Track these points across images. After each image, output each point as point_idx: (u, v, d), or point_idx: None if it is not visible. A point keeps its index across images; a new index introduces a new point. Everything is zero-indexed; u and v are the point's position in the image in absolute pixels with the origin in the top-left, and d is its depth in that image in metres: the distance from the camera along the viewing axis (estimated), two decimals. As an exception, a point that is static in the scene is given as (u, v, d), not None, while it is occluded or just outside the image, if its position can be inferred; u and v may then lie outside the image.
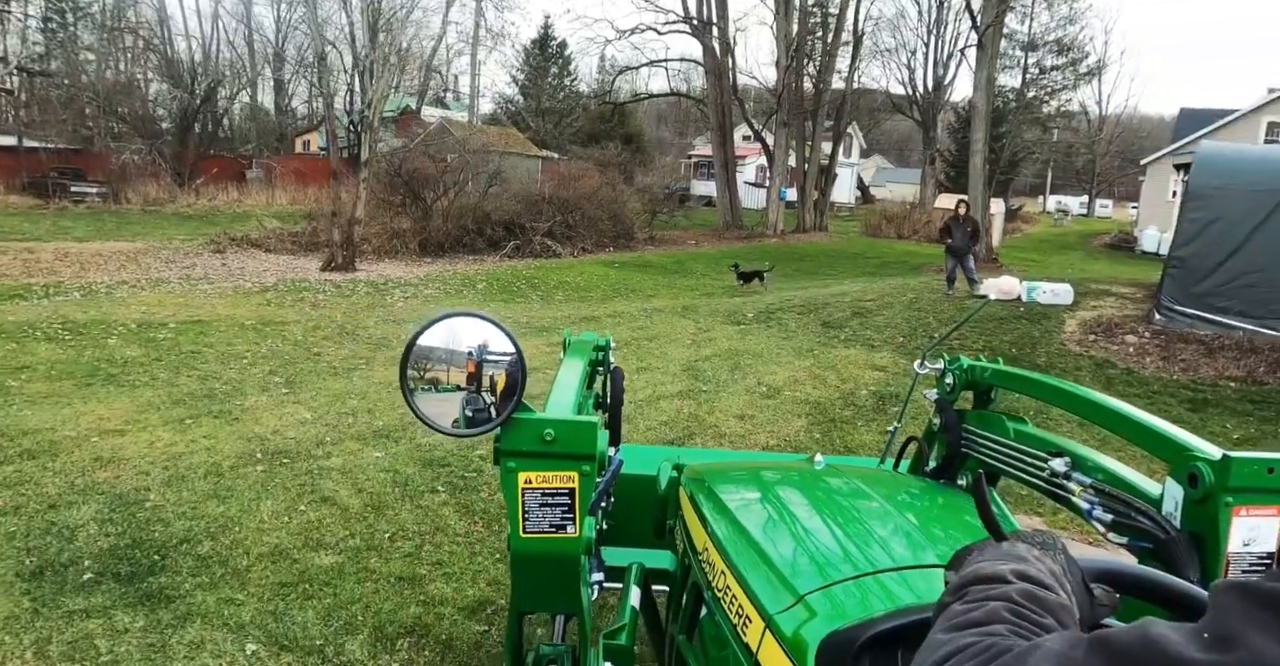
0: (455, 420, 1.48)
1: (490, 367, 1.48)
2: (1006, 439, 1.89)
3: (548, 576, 1.53)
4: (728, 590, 1.47)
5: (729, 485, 1.91)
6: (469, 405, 1.47)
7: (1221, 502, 1.30)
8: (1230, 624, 0.44)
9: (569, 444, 1.43)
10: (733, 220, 29.96)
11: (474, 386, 1.48)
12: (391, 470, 5.42)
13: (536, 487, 1.43)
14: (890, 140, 72.82)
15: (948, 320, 11.75)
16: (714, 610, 1.55)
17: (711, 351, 9.66)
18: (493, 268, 17.46)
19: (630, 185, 26.80)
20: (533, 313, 12.17)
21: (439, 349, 1.48)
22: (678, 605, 1.98)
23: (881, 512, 1.67)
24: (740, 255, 23.14)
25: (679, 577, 2.06)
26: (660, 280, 16.45)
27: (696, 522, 1.79)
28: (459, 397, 1.48)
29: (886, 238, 31.63)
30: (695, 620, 1.76)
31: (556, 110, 57.03)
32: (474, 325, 1.49)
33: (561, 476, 1.43)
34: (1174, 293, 11.02)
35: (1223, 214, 10.85)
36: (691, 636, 1.79)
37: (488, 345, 1.48)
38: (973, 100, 22.72)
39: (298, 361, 8.45)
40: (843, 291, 14.27)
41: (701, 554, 1.70)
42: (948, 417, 2.07)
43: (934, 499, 1.89)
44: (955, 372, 2.08)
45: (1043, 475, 1.70)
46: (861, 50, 35.80)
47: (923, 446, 2.17)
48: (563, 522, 1.45)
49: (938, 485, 2.03)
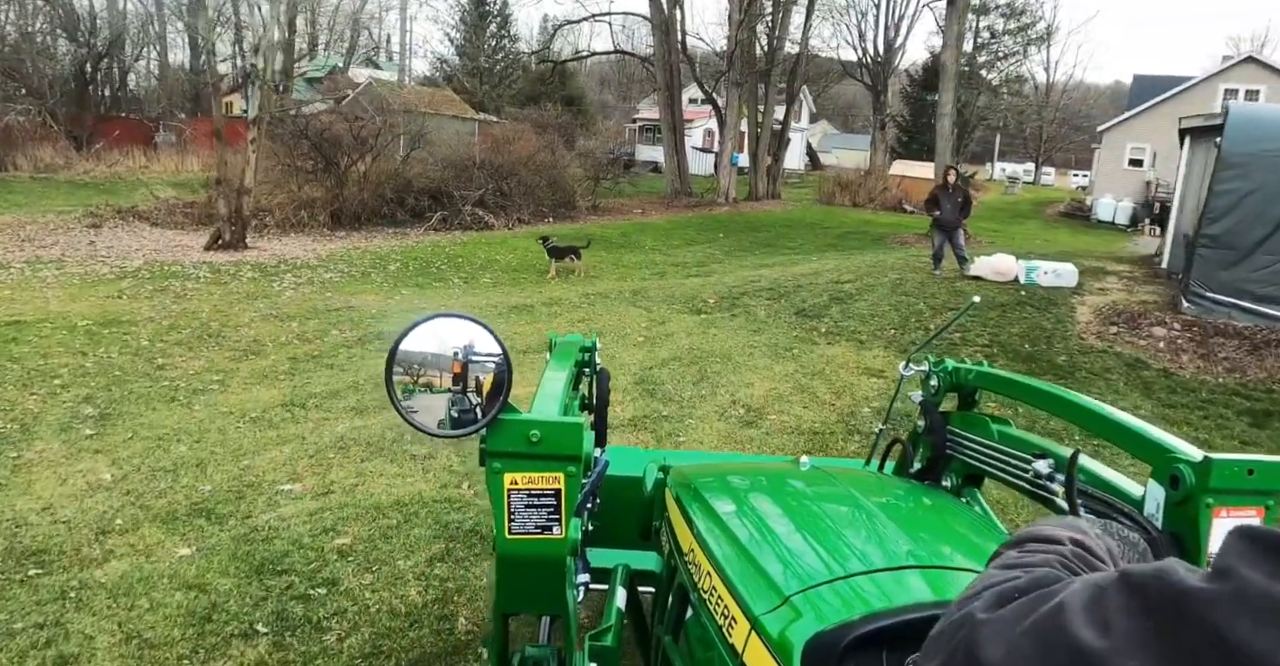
0: (441, 421, 1.46)
1: (476, 368, 1.45)
2: (990, 440, 1.88)
3: (533, 577, 1.51)
4: (713, 591, 1.48)
5: (715, 487, 1.89)
6: (455, 406, 1.45)
7: (1202, 504, 1.30)
8: (1229, 559, 0.50)
9: (555, 445, 1.41)
10: (682, 187, 28.00)
11: (460, 387, 1.45)
12: (197, 585, 3.50)
13: (522, 489, 1.42)
14: (836, 105, 71.34)
15: (940, 306, 10.09)
16: (700, 611, 1.56)
17: (669, 352, 7.83)
18: (414, 243, 15.30)
19: (571, 150, 24.64)
20: (451, 300, 10.17)
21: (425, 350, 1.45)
22: (663, 606, 1.96)
23: (866, 514, 1.66)
24: (692, 225, 21.27)
25: (665, 579, 2.01)
26: (605, 256, 14.49)
27: (682, 524, 1.79)
28: (444, 399, 1.45)
29: (841, 205, 30.07)
30: (681, 621, 1.75)
31: (495, 71, 54.37)
32: (459, 326, 1.46)
33: (547, 477, 1.42)
34: (1205, 277, 9.49)
35: (1261, 185, 9.32)
36: (677, 637, 1.77)
37: (473, 346, 1.46)
38: (941, 59, 21.07)
39: (129, 380, 6.39)
40: (814, 271, 12.52)
41: (687, 555, 1.70)
42: (932, 419, 2.05)
43: (919, 500, 1.86)
44: (940, 374, 2.06)
45: (1026, 476, 1.70)
46: (815, 7, 33.81)
47: (907, 448, 2.13)
48: (548, 524, 1.44)
49: (923, 487, 1.99)
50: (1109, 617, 0.54)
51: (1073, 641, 0.54)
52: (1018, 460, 1.76)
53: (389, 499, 4.39)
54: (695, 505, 1.80)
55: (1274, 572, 0.48)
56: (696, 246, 17.27)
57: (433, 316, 1.46)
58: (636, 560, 2.31)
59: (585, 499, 1.62)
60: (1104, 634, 0.53)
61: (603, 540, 2.30)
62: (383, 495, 4.44)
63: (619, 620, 1.93)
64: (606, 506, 2.14)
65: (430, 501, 4.36)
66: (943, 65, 20.57)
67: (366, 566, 3.69)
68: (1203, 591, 0.50)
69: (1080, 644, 0.54)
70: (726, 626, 1.39)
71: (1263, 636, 0.46)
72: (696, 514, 1.75)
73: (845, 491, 1.84)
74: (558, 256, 12.42)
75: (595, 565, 2.14)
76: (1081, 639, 0.54)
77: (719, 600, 1.45)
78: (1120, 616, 0.53)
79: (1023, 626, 0.59)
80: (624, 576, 2.17)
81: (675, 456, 2.60)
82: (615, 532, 2.33)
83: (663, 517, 2.06)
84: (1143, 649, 0.51)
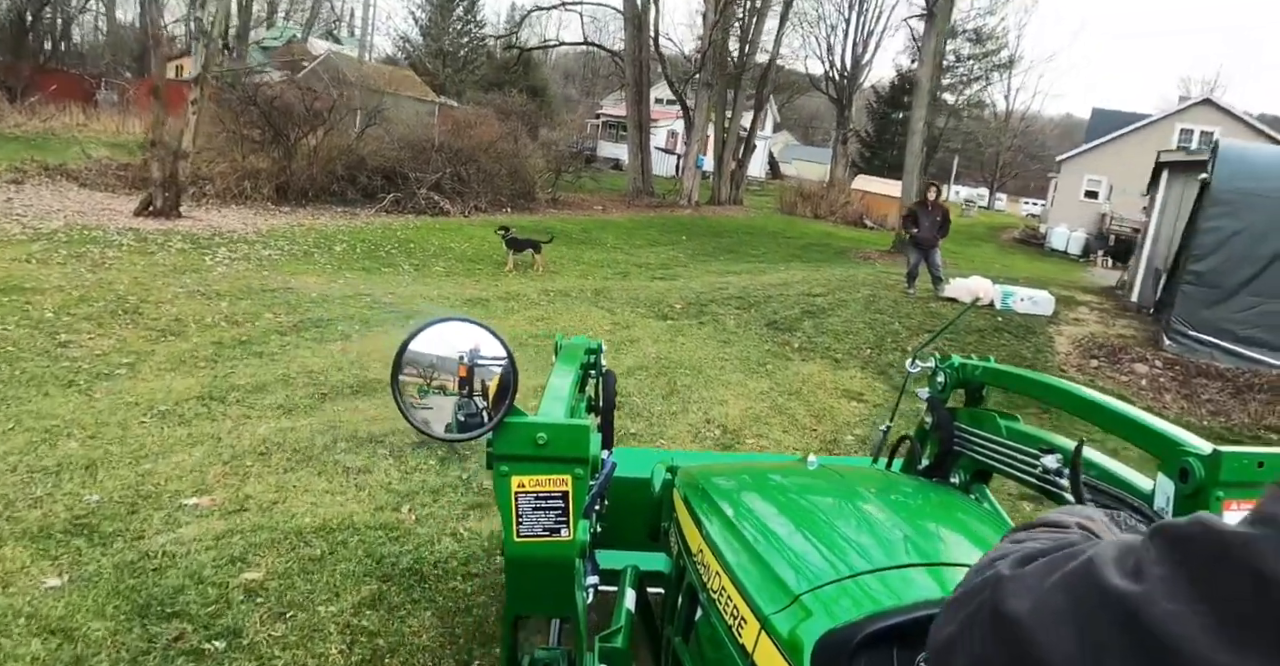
0: (448, 425, 1.46)
1: (482, 372, 1.45)
2: (999, 436, 1.86)
3: (542, 580, 1.50)
4: (723, 591, 1.47)
5: (722, 486, 1.88)
6: (461, 410, 1.44)
7: (1212, 497, 1.29)
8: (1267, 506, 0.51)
9: (562, 447, 1.40)
10: (644, 186, 27.41)
11: (466, 391, 1.44)
12: (63, 629, 2.80)
13: (530, 491, 1.40)
14: (798, 117, 71.53)
15: (915, 328, 9.66)
16: (709, 611, 1.55)
17: (635, 361, 7.23)
18: (364, 223, 14.44)
19: (534, 140, 23.89)
20: (400, 289, 9.42)
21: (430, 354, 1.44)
22: (673, 607, 1.94)
23: (875, 512, 1.66)
24: (654, 225, 20.70)
25: (674, 580, 1.99)
26: (565, 252, 13.82)
27: (691, 524, 1.78)
28: (451, 403, 1.45)
29: (803, 216, 29.81)
30: (691, 622, 1.73)
31: (459, 55, 53.27)
32: (465, 330, 1.46)
33: (555, 480, 1.41)
34: (1188, 314, 9.20)
35: (1248, 225, 9.07)
36: (687, 638, 1.75)
37: (479, 349, 1.45)
38: (917, 74, 20.83)
39: (23, 357, 5.58)
40: (783, 282, 12.03)
41: (696, 555, 1.69)
42: (940, 416, 2.03)
43: (927, 497, 1.85)
44: (947, 371, 2.05)
45: (1035, 472, 1.68)
46: (790, 14, 33.50)
47: (915, 445, 2.14)
48: (556, 526, 1.42)
49: (930, 484, 1.99)
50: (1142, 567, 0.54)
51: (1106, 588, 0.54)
52: (1026, 456, 1.74)
53: (313, 522, 3.71)
54: (703, 505, 1.79)
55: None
56: (659, 248, 16.71)
57: (438, 320, 1.46)
58: (645, 561, 2.30)
59: (593, 500, 1.60)
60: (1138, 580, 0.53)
61: (611, 542, 2.30)
62: (306, 516, 3.76)
63: (629, 621, 1.93)
64: (615, 508, 2.13)
65: (363, 527, 3.70)
66: (917, 81, 20.30)
67: (279, 611, 3.02)
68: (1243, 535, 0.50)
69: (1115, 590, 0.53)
70: (736, 626, 1.38)
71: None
72: (705, 514, 1.74)
73: (853, 489, 1.83)
74: (516, 249, 11.71)
75: (604, 567, 2.11)
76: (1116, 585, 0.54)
77: (728, 600, 1.44)
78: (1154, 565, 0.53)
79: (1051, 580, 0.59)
80: (633, 577, 2.17)
81: (683, 457, 2.57)
82: (624, 534, 2.33)
83: (671, 518, 2.05)
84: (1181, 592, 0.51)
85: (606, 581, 2.09)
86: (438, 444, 4.57)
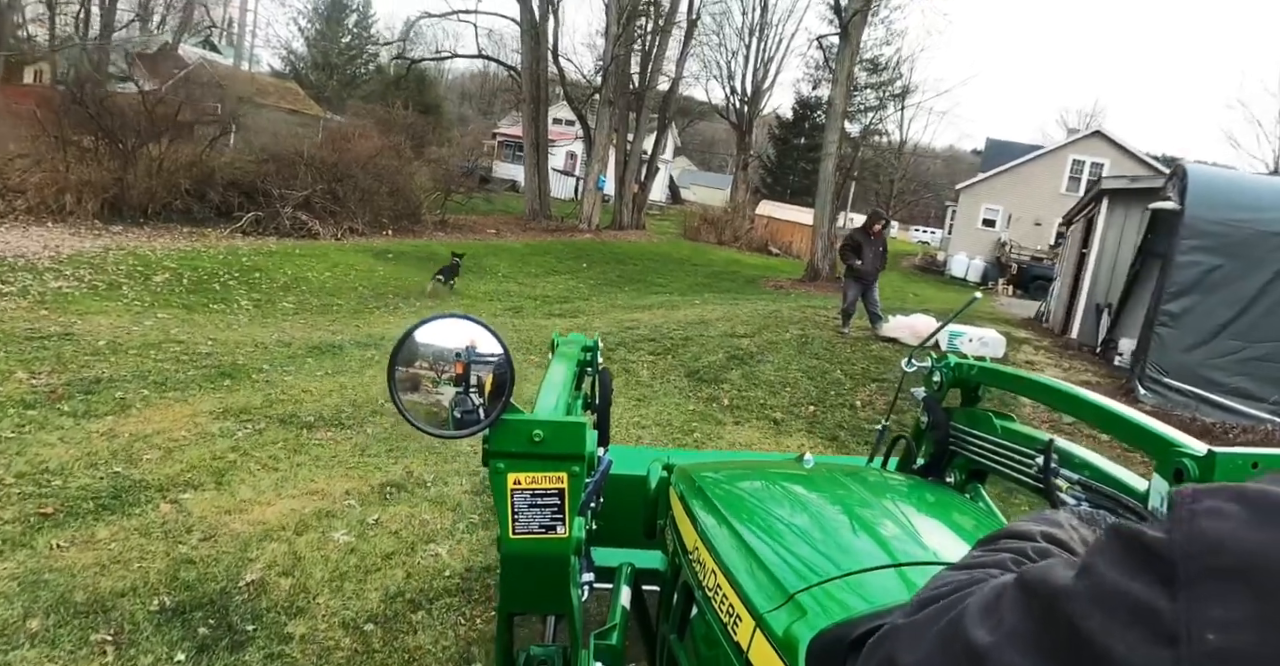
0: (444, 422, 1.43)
1: (478, 369, 1.43)
2: (994, 436, 1.87)
3: (538, 577, 1.50)
4: (718, 589, 1.46)
5: (719, 484, 1.86)
6: (457, 406, 1.42)
7: None
8: (1093, 556, 0.51)
9: (558, 444, 1.39)
10: (541, 209, 25.72)
11: (462, 388, 1.43)
12: None
13: (525, 488, 1.40)
14: (696, 142, 71.39)
15: (859, 375, 8.25)
16: (704, 609, 1.54)
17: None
18: (206, 247, 12.22)
19: (420, 156, 21.93)
20: (226, 333, 7.43)
21: (426, 351, 1.43)
22: (668, 605, 1.94)
23: (870, 511, 1.67)
24: (552, 251, 19.01)
25: (669, 577, 2.00)
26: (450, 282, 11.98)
27: (686, 522, 1.78)
28: (447, 399, 1.43)
29: (707, 242, 28.71)
30: (686, 619, 1.74)
31: (347, 69, 50.79)
32: (461, 326, 1.43)
33: (550, 477, 1.40)
34: (1163, 361, 8.07)
35: (1227, 259, 8.02)
36: (682, 636, 1.76)
37: (475, 346, 1.43)
38: (830, 96, 19.87)
39: None
40: (699, 319, 10.50)
41: (692, 553, 1.69)
42: (935, 415, 2.04)
43: (923, 496, 1.84)
44: (943, 370, 2.05)
45: (1030, 471, 1.69)
46: (693, 38, 32.54)
47: (910, 444, 2.15)
48: (552, 523, 1.42)
49: (926, 483, 1.97)
50: (1002, 616, 0.54)
51: (966, 640, 0.55)
52: (1021, 455, 1.73)
53: None
54: (699, 503, 1.77)
55: (1129, 570, 0.48)
56: (558, 277, 15.02)
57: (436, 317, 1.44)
58: (641, 559, 2.28)
59: (589, 498, 1.61)
60: (993, 631, 0.53)
61: (607, 539, 2.25)
62: None
63: (624, 619, 1.93)
64: (610, 505, 2.06)
65: None
66: (830, 103, 19.34)
67: None
68: (1067, 588, 0.51)
69: (971, 642, 0.54)
70: (731, 624, 1.36)
71: (1110, 632, 0.46)
72: (700, 512, 1.73)
73: (849, 488, 1.81)
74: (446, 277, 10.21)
75: (600, 564, 2.08)
76: (973, 637, 0.54)
77: (723, 598, 1.42)
78: (1010, 614, 0.53)
79: (933, 630, 0.60)
80: (629, 575, 2.16)
81: (679, 455, 2.51)
82: (619, 531, 2.29)
83: (667, 516, 2.03)
84: (1023, 645, 0.51)
85: (602, 578, 2.07)
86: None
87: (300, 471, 4.45)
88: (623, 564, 2.21)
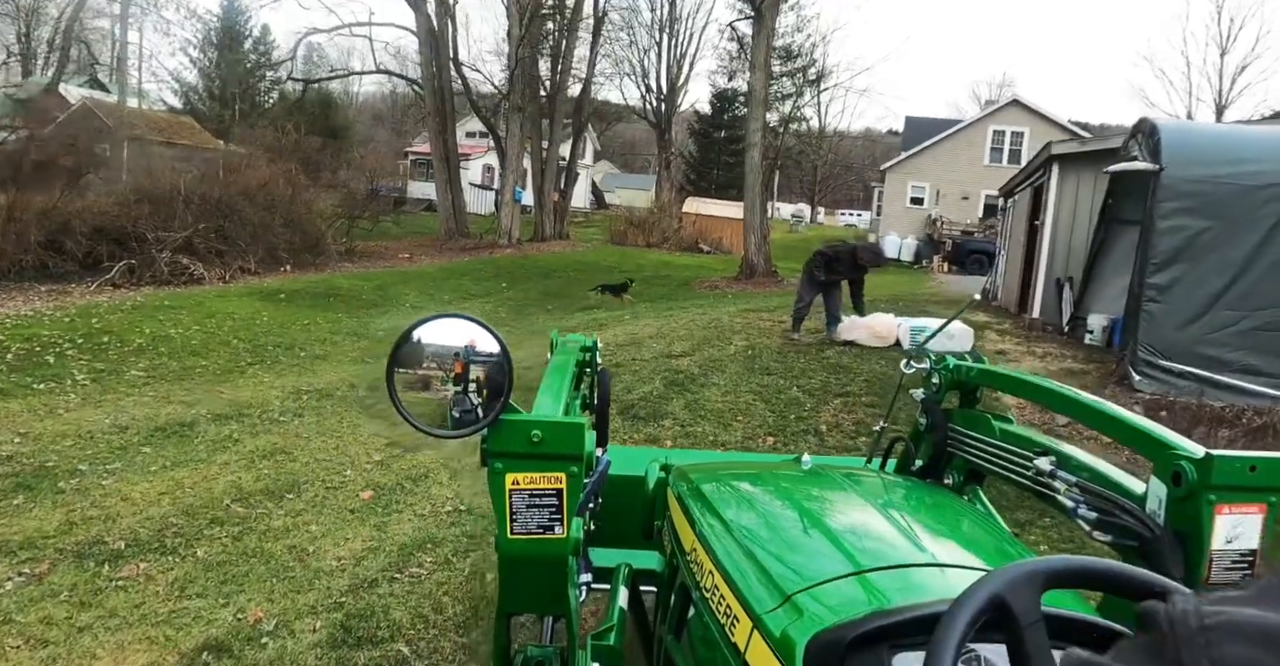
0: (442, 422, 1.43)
1: (477, 368, 1.42)
2: (992, 438, 1.86)
3: (535, 577, 1.49)
4: (715, 590, 1.45)
5: (716, 485, 1.87)
6: (456, 406, 1.42)
7: (1204, 500, 1.30)
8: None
9: (556, 444, 1.37)
10: (457, 227, 24.30)
11: (461, 387, 1.42)
12: None
13: (524, 488, 1.38)
14: (616, 145, 70.40)
15: (818, 391, 7.15)
16: (702, 610, 1.53)
17: (418, 529, 4.27)
18: (61, 307, 10.53)
19: (316, 182, 20.37)
20: (44, 423, 5.93)
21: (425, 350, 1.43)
22: (666, 605, 1.93)
23: (868, 512, 1.64)
24: (469, 271, 17.64)
25: (667, 578, 2.00)
26: (346, 322, 10.59)
27: (684, 523, 1.77)
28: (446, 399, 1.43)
29: (635, 246, 27.59)
30: (683, 620, 1.72)
31: (245, 96, 48.60)
32: (461, 326, 1.42)
33: (549, 477, 1.38)
34: (1155, 339, 7.13)
35: (1214, 220, 7.11)
36: (680, 636, 1.74)
37: (474, 346, 1.42)
38: (750, 83, 18.88)
39: None
40: (631, 338, 9.31)
41: (689, 554, 1.67)
42: (934, 417, 2.03)
43: (921, 498, 1.85)
44: (941, 372, 2.03)
45: (1028, 474, 1.69)
46: (601, 38, 31.41)
47: (909, 446, 2.14)
48: (550, 523, 1.40)
49: (924, 484, 1.98)
50: None
51: None
52: (1019, 457, 1.73)
53: None
54: (697, 504, 1.75)
55: None
56: (474, 301, 13.71)
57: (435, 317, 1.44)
58: (639, 559, 2.26)
59: (587, 498, 1.59)
60: None
61: (605, 540, 2.24)
62: None
63: (621, 619, 1.90)
64: (608, 506, 2.06)
65: None
66: (750, 90, 18.35)
67: None
68: None
69: None
70: (729, 625, 1.34)
71: None
72: (698, 513, 1.71)
73: (847, 489, 1.79)
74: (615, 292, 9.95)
75: (597, 565, 2.08)
76: None
77: (721, 599, 1.40)
78: None
79: None
80: (626, 576, 2.14)
81: (677, 455, 2.55)
82: (617, 532, 2.27)
83: (664, 517, 2.02)
84: None
85: (600, 579, 2.07)
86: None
87: (79, 643, 3.13)
88: (620, 564, 2.19)
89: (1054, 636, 0.89)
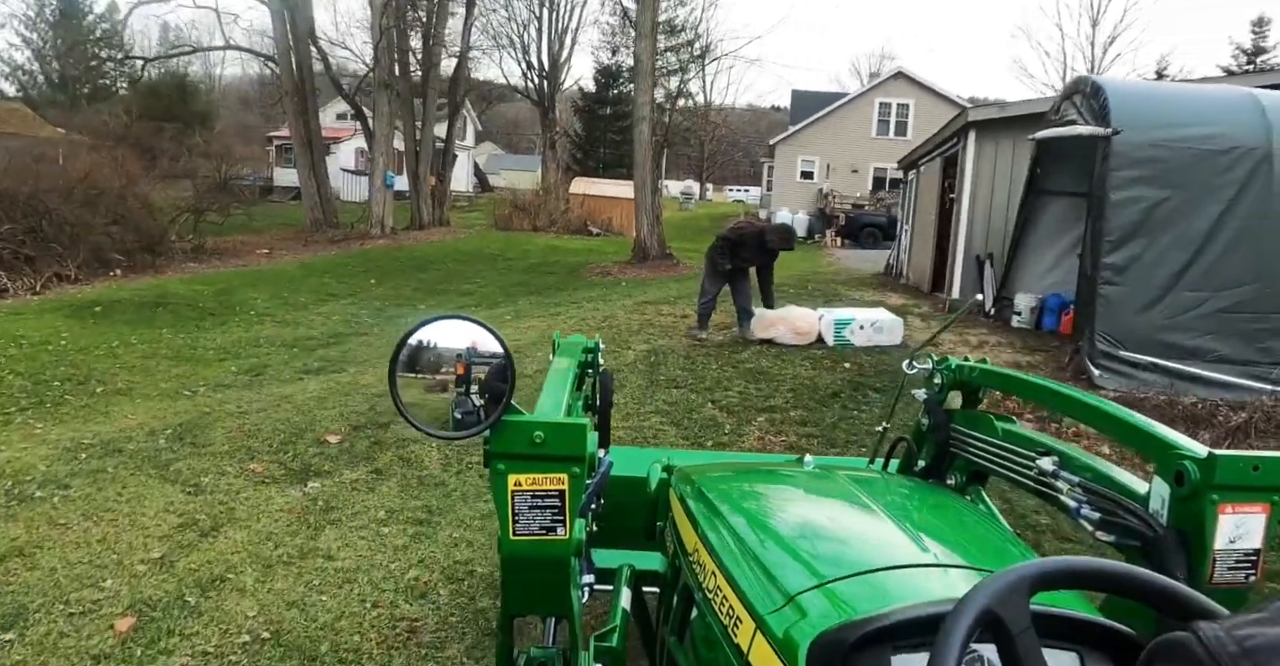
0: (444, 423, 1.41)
1: (479, 369, 1.40)
2: (995, 438, 1.86)
3: (538, 578, 1.47)
4: (718, 591, 1.45)
5: (719, 486, 1.85)
6: (458, 407, 1.40)
7: (1207, 500, 1.28)
8: None
9: (558, 446, 1.36)
10: (324, 217, 22.25)
11: (463, 388, 1.40)
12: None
13: (526, 490, 1.36)
14: (499, 125, 68.13)
15: (736, 407, 5.98)
16: (705, 611, 1.53)
17: (196, 657, 2.87)
18: None
19: (153, 171, 18.10)
20: None
21: (427, 351, 1.40)
22: (668, 606, 1.91)
23: (871, 512, 1.63)
24: (334, 267, 15.85)
25: (669, 579, 1.97)
26: (168, 340, 8.84)
27: (686, 524, 1.77)
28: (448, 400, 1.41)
29: (521, 230, 26.08)
30: (686, 621, 1.72)
31: (88, 80, 44.58)
32: (462, 327, 1.41)
33: (551, 478, 1.37)
34: (1113, 328, 6.24)
35: (1172, 189, 6.25)
36: (682, 637, 1.74)
37: (476, 347, 1.40)
38: (636, 51, 17.66)
39: None
40: (514, 346, 7.95)
41: (692, 555, 1.68)
42: (936, 417, 2.03)
43: (923, 499, 1.84)
44: (943, 373, 2.03)
45: (1031, 474, 1.68)
46: (475, 11, 29.45)
47: (911, 446, 2.14)
48: (552, 524, 1.39)
49: (927, 485, 1.98)
50: None
51: None
52: (1021, 458, 1.72)
53: None
54: (699, 505, 1.75)
55: None
56: (335, 302, 12.03)
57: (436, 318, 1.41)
58: (641, 560, 2.26)
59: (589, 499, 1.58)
60: None
61: (607, 541, 2.23)
62: None
63: (624, 620, 1.90)
64: (611, 507, 2.05)
65: None
66: (637, 60, 17.05)
67: None
68: None
69: None
70: (731, 626, 1.34)
71: None
72: (700, 513, 1.71)
73: (849, 490, 1.77)
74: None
75: (600, 566, 2.06)
76: None
77: (724, 600, 1.41)
78: None
79: None
80: (629, 577, 2.14)
81: (679, 456, 2.49)
82: (620, 533, 2.26)
83: (667, 518, 2.01)
84: None
85: (602, 580, 2.03)
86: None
87: None
88: (623, 565, 2.17)
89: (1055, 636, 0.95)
